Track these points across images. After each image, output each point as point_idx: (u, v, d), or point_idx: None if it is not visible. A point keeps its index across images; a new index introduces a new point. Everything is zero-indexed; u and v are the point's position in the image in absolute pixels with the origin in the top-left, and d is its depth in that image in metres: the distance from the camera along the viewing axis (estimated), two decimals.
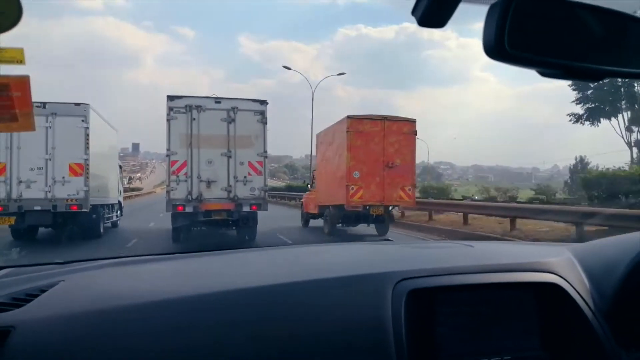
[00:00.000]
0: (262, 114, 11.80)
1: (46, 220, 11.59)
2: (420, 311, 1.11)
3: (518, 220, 12.70)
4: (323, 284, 1.14)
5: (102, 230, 13.09)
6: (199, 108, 11.43)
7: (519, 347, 1.17)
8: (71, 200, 11.53)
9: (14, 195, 11.13)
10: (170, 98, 11.44)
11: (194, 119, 11.39)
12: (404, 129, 13.51)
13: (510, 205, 15.36)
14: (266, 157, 11.98)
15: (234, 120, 11.64)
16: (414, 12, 0.77)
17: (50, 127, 11.31)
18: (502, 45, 0.74)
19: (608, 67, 0.84)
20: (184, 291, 1.10)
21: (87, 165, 11.63)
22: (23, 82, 1.25)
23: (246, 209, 11.61)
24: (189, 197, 11.27)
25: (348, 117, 13.50)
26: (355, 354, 1.01)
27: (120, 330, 0.98)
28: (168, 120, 11.34)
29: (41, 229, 12.17)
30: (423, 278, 1.15)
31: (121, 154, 16.47)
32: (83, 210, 11.67)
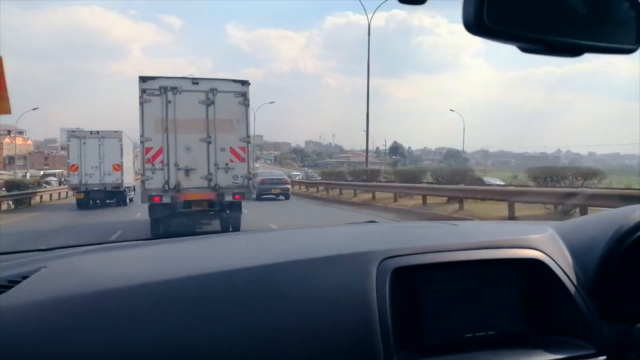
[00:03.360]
0: (244, 95, 11.36)
1: (100, 195, 21.81)
2: (404, 289, 1.15)
3: None
4: (306, 264, 1.18)
5: (128, 200, 22.84)
6: (174, 90, 10.99)
7: (503, 322, 1.22)
8: (113, 184, 21.74)
9: (83, 182, 21.24)
10: (143, 79, 11.00)
11: (170, 101, 11.02)
12: None
13: None
14: (249, 142, 11.66)
15: (213, 102, 11.29)
16: None
17: (101, 145, 21.58)
18: (481, 19, 0.77)
19: (588, 42, 0.87)
20: (168, 274, 1.13)
21: (121, 164, 21.79)
22: None
23: (229, 198, 11.26)
24: (166, 186, 10.90)
25: None
26: (339, 332, 1.05)
27: (104, 315, 1.02)
28: (141, 103, 10.98)
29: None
30: (407, 256, 1.19)
31: None
32: (119, 189, 22.10)
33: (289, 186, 26.44)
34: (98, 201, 21.72)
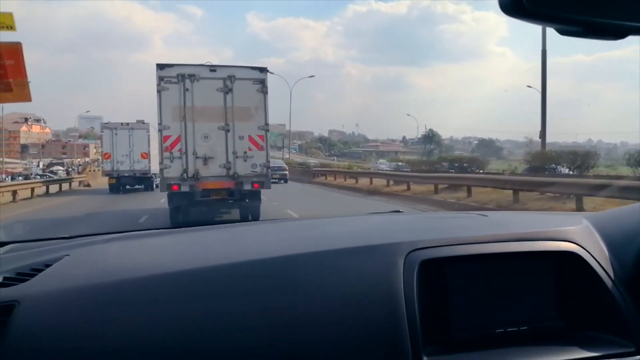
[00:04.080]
0: (262, 82, 11.34)
1: (130, 180, 24.25)
2: (433, 282, 1.13)
3: None
4: (331, 255, 1.16)
5: (154, 186, 23.31)
6: (192, 77, 11.01)
7: (536, 317, 1.18)
8: (142, 170, 24.09)
9: (115, 168, 23.82)
10: (160, 67, 11.03)
11: (187, 89, 11.05)
12: None
13: None
14: (268, 130, 11.64)
15: (231, 90, 11.27)
16: None
17: (130, 135, 24.16)
18: (520, 1, 0.74)
19: (633, 23, 0.82)
20: (188, 264, 1.13)
21: (149, 153, 23.20)
22: (15, 50, 1.31)
23: (247, 187, 11.28)
24: (185, 175, 10.94)
25: None
26: (366, 326, 1.03)
27: (125, 303, 1.02)
28: (158, 91, 11.02)
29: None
30: (435, 248, 1.17)
31: None
32: (147, 175, 24.19)
33: (287, 172, 31.29)
34: (128, 186, 24.32)
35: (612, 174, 20.94)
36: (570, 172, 19.26)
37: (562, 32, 0.83)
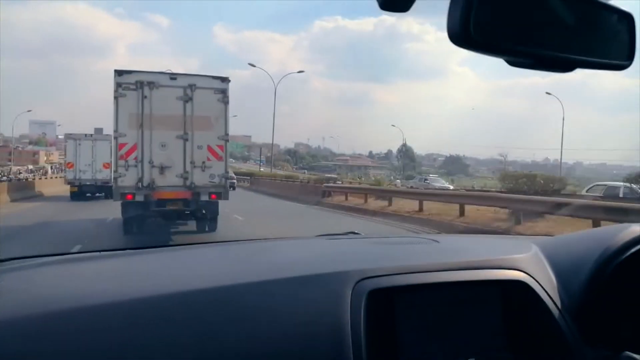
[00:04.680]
0: (224, 92, 11.27)
1: (92, 189, 24.52)
2: (381, 312, 1.11)
3: None
4: (276, 284, 1.13)
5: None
6: (151, 85, 10.81)
7: (485, 347, 1.18)
8: (103, 179, 23.99)
9: (77, 177, 24.52)
10: (119, 73, 10.82)
11: (146, 96, 10.83)
12: None
13: None
14: (227, 140, 11.52)
15: (191, 99, 11.12)
16: None
17: (93, 145, 24.77)
18: (467, 31, 0.73)
19: (580, 57, 0.84)
20: (124, 293, 1.07)
21: (111, 163, 19.52)
22: None
23: (205, 198, 11.10)
24: (140, 184, 10.72)
25: None
26: (310, 359, 1.01)
27: (54, 337, 0.95)
28: (115, 97, 10.76)
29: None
30: (384, 277, 1.15)
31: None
32: (109, 184, 20.83)
33: (235, 180, 31.01)
34: (89, 194, 24.79)
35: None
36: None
37: (512, 64, 0.83)
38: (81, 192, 24.39)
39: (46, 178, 33.66)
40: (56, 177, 37.56)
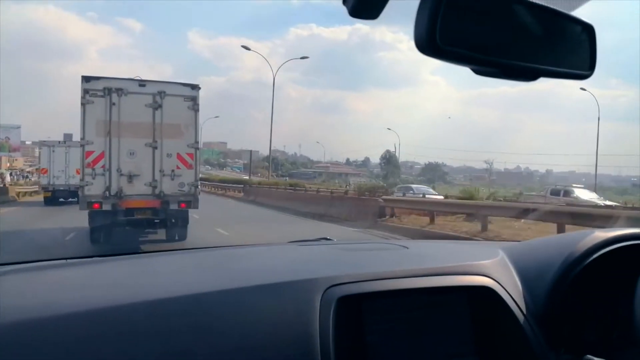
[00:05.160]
0: (194, 99, 11.15)
1: (65, 194, 24.92)
2: (350, 319, 1.11)
3: None
4: (244, 293, 1.11)
5: None
6: (119, 91, 10.63)
7: (452, 352, 1.19)
8: (76, 185, 21.46)
9: (51, 182, 25.20)
10: (86, 79, 10.61)
11: (114, 103, 10.64)
12: None
13: None
14: (198, 148, 11.27)
15: (160, 106, 10.98)
16: (345, 2, 0.77)
17: (67, 152, 25.21)
18: (433, 40, 0.74)
19: (545, 66, 0.86)
20: (87, 303, 1.04)
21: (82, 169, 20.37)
22: None
23: (174, 206, 10.97)
24: (107, 193, 10.51)
25: None
26: None
27: (15, 351, 0.92)
28: (83, 104, 10.53)
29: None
30: (353, 284, 1.15)
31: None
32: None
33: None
34: (62, 199, 25.65)
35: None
36: None
37: (478, 72, 0.85)
38: (54, 197, 25.23)
39: (3, 186, 32.89)
40: (17, 184, 37.61)
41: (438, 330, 1.21)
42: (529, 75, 0.87)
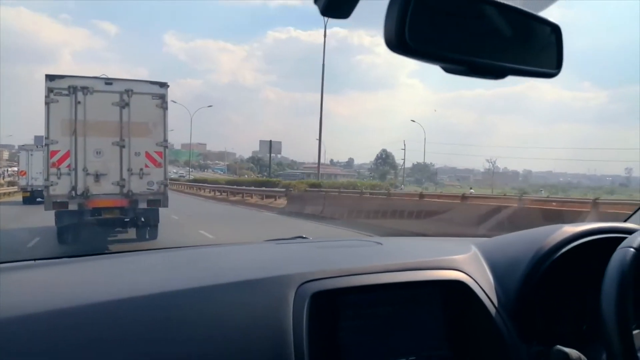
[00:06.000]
0: (162, 97, 11.00)
1: (42, 194, 23.57)
2: (324, 314, 1.11)
3: None
4: (217, 290, 1.10)
5: None
6: (85, 90, 10.40)
7: (425, 346, 1.20)
8: None
9: (29, 184, 26.09)
10: (50, 78, 10.38)
11: (79, 102, 10.41)
12: None
13: None
14: (167, 147, 11.13)
15: (128, 104, 10.78)
16: (316, 1, 0.78)
17: (34, 154, 25.49)
18: (403, 38, 0.75)
19: (512, 64, 0.88)
20: (58, 302, 1.02)
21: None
22: None
23: (143, 205, 10.84)
24: (73, 192, 10.25)
25: None
26: None
27: None
28: (47, 103, 10.26)
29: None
30: (327, 279, 1.15)
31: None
32: None
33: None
34: (39, 199, 27.43)
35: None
36: None
37: (447, 70, 0.85)
38: (32, 197, 26.20)
39: None
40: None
41: (412, 324, 1.22)
42: (497, 73, 0.88)
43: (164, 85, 11.17)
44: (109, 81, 10.90)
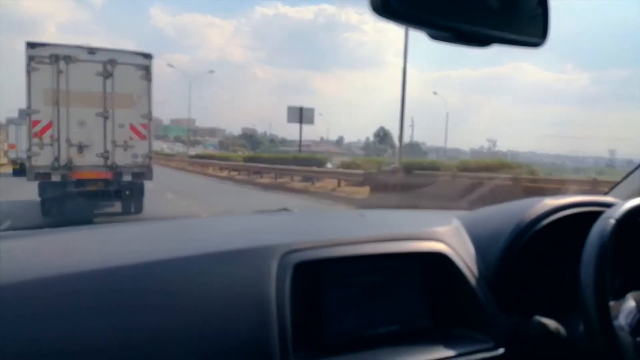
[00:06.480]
0: (147, 69, 10.83)
1: None
2: (307, 285, 1.12)
3: None
4: (198, 260, 1.09)
5: None
6: (67, 59, 10.18)
7: (407, 317, 1.21)
8: None
9: (19, 156, 24.29)
10: (31, 45, 10.14)
11: (62, 71, 10.19)
12: None
13: None
14: (151, 119, 11.01)
15: (111, 75, 10.60)
16: None
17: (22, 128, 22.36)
18: (388, 2, 0.75)
19: (497, 32, 0.87)
20: (38, 272, 1.00)
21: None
22: None
23: (127, 178, 10.75)
24: (56, 163, 10.10)
25: None
26: (233, 336, 0.99)
27: None
28: (28, 72, 10.04)
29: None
30: (310, 250, 1.15)
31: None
32: None
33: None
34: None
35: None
36: None
37: (433, 37, 0.85)
38: (22, 170, 27.96)
39: None
40: None
41: (394, 294, 1.22)
42: (482, 41, 0.87)
43: (148, 56, 11.00)
44: (92, 50, 10.67)
